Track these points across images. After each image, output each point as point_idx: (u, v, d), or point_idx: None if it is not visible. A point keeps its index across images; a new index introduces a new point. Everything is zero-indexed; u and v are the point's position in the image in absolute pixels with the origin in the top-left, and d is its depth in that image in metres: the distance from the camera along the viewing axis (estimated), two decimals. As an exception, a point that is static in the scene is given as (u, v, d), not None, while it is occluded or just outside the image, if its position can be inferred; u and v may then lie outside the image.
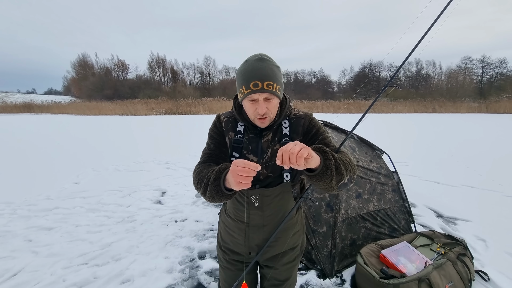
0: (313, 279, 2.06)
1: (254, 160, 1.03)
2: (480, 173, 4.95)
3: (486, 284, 1.98)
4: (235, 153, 1.04)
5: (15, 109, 29.19)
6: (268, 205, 1.05)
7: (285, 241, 1.13)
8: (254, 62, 0.91)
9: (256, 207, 1.05)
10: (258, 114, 0.95)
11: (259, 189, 1.02)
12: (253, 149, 1.04)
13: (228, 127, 1.08)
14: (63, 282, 2.05)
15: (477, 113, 22.52)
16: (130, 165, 5.69)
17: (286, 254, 1.15)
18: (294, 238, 1.15)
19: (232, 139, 1.06)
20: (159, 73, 46.30)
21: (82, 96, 38.85)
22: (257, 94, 0.91)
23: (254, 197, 1.03)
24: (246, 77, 0.91)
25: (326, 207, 2.24)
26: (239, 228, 1.10)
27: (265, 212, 1.06)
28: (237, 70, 0.98)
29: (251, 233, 1.09)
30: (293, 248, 1.16)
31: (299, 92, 39.63)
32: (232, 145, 1.05)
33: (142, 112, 25.05)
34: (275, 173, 1.03)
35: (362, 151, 2.78)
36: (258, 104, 0.93)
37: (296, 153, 0.70)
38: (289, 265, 1.17)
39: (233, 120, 1.08)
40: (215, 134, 1.09)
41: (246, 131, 1.06)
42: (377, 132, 10.60)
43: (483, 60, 33.57)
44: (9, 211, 3.37)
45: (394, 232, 2.41)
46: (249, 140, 1.04)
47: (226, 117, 1.10)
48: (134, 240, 2.67)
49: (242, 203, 1.06)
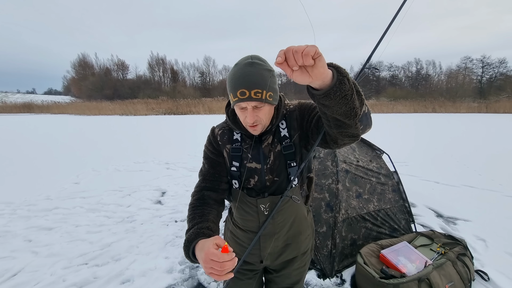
0: (313, 279, 2.06)
1: (257, 168, 0.98)
2: (480, 173, 4.95)
3: (486, 284, 1.98)
4: (234, 162, 0.99)
5: (15, 109, 29.17)
6: (278, 212, 1.00)
7: (298, 246, 1.09)
8: (243, 67, 0.83)
9: (266, 215, 0.99)
10: (248, 123, 0.89)
11: (268, 198, 0.97)
12: (254, 156, 0.98)
13: (224, 139, 1.02)
14: (63, 282, 2.05)
15: (477, 113, 22.53)
16: (130, 165, 5.69)
17: (298, 259, 1.12)
18: (305, 242, 1.12)
19: (230, 149, 1.01)
20: (159, 73, 46.31)
21: (82, 96, 38.86)
22: (245, 103, 0.84)
23: (264, 206, 0.98)
24: (233, 84, 0.83)
25: (326, 207, 2.24)
26: (248, 238, 1.06)
27: (276, 220, 1.01)
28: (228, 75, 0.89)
29: (262, 242, 1.04)
30: (305, 252, 1.13)
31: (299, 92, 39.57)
32: (231, 154, 1.00)
33: (142, 112, 25.05)
34: (280, 176, 0.98)
35: (362, 151, 2.79)
36: (247, 112, 0.87)
37: (302, 50, 0.54)
38: (301, 270, 1.14)
39: (229, 131, 1.03)
40: (210, 152, 1.04)
41: (243, 139, 1.01)
42: (377, 132, 10.60)
43: (483, 60, 33.60)
44: (9, 211, 3.37)
45: (395, 232, 2.41)
46: (248, 147, 0.99)
47: (221, 129, 1.05)
48: (134, 240, 2.67)
49: (251, 213, 1.01)
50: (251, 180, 0.99)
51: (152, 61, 45.29)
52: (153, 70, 45.67)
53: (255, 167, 0.98)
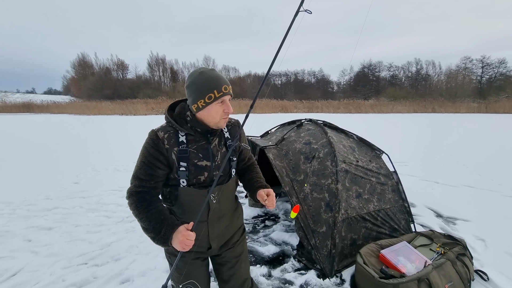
0: (312, 279, 2.06)
1: (207, 165, 1.14)
2: (480, 173, 4.96)
3: (485, 284, 1.98)
4: (182, 162, 1.09)
5: (14, 109, 29.08)
6: (224, 198, 1.21)
7: (235, 223, 1.33)
8: (212, 72, 1.08)
9: (215, 203, 1.17)
10: (225, 114, 1.11)
11: (217, 187, 1.16)
12: (205, 155, 1.14)
13: (171, 142, 1.09)
14: (63, 282, 2.05)
15: (476, 113, 22.51)
16: (130, 165, 5.71)
17: (236, 233, 1.34)
18: (240, 218, 1.37)
19: (177, 151, 1.09)
20: (158, 73, 46.19)
21: (81, 96, 38.72)
22: (227, 96, 1.09)
23: (213, 195, 1.16)
24: (215, 83, 1.05)
25: (326, 207, 2.24)
26: (196, 229, 1.10)
27: (221, 204, 1.21)
28: (193, 82, 1.07)
29: (210, 228, 1.20)
30: (240, 227, 1.37)
31: (299, 92, 39.56)
32: (179, 156, 1.09)
33: (142, 112, 24.97)
34: (225, 172, 1.21)
35: (362, 151, 2.79)
36: (226, 105, 1.10)
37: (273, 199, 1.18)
38: (241, 242, 1.35)
39: (174, 133, 1.11)
40: (153, 158, 1.07)
41: (188, 141, 1.12)
42: (376, 132, 10.60)
43: (483, 60, 33.57)
44: (8, 211, 3.37)
45: (395, 232, 2.41)
46: (197, 148, 1.13)
47: (166, 132, 1.10)
48: (133, 240, 2.67)
49: (199, 205, 1.12)
50: (200, 177, 1.13)
51: (151, 61, 45.21)
52: (152, 70, 45.57)
53: (205, 165, 1.14)
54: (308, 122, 3.20)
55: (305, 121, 3.24)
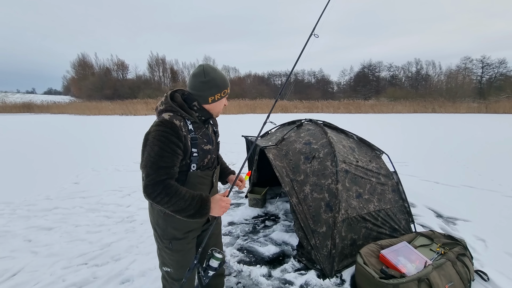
0: (312, 279, 2.06)
1: (210, 149, 1.29)
2: (480, 173, 4.96)
3: (485, 284, 1.98)
4: (193, 149, 1.19)
5: (14, 109, 29.08)
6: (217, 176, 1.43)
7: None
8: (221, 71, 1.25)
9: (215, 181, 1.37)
10: (224, 108, 1.33)
11: (217, 167, 1.39)
12: (208, 140, 1.28)
13: (186, 130, 1.17)
14: (63, 282, 2.05)
15: (476, 113, 22.50)
16: (130, 165, 5.69)
17: None
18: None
19: (190, 138, 1.19)
20: (158, 73, 46.19)
21: (81, 96, 38.70)
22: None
23: (216, 175, 1.37)
24: (227, 81, 1.26)
25: (326, 207, 2.24)
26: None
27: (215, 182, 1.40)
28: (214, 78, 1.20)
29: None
30: None
31: (299, 92, 39.50)
32: (192, 143, 1.19)
33: (142, 112, 24.96)
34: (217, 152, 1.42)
35: (362, 151, 2.78)
36: (226, 99, 1.30)
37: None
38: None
39: (184, 122, 1.18)
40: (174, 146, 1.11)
41: (194, 128, 1.22)
42: (376, 132, 10.60)
43: (483, 60, 33.55)
44: (8, 211, 3.37)
45: (395, 232, 2.41)
46: (202, 134, 1.25)
47: (180, 121, 1.16)
48: (133, 240, 2.67)
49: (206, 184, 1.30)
50: (205, 159, 1.26)
51: (152, 61, 45.22)
52: (153, 70, 45.57)
53: (209, 148, 1.28)
54: (308, 122, 3.20)
55: (305, 121, 3.24)
